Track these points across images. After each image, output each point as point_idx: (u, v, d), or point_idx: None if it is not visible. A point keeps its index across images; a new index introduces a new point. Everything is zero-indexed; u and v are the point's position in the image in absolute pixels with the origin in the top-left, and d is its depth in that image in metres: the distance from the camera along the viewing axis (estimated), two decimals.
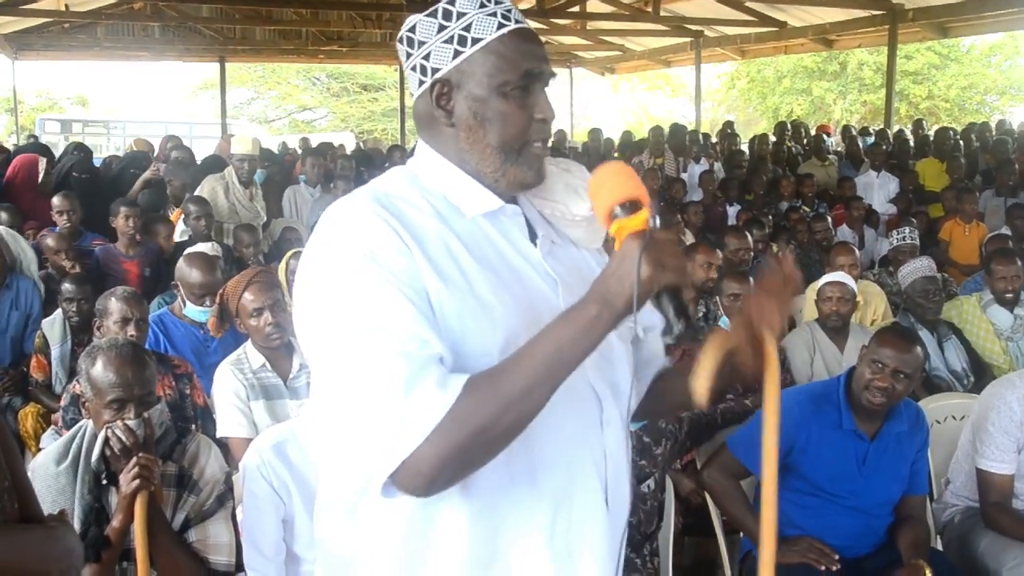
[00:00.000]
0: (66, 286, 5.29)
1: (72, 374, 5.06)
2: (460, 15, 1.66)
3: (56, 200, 7.02)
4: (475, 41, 1.65)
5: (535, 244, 1.74)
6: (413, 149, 1.88)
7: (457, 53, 1.66)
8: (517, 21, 1.69)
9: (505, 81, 1.66)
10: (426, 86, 1.69)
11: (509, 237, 1.72)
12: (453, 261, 1.60)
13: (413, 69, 1.70)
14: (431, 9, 1.68)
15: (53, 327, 5.24)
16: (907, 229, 6.99)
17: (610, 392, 1.74)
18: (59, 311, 5.29)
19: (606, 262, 1.89)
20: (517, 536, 1.63)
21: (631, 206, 1.57)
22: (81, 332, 5.24)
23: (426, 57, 1.67)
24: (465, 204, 1.69)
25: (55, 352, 5.21)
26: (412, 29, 1.69)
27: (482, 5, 1.66)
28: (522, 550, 1.64)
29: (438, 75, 1.67)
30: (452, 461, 1.47)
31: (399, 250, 1.56)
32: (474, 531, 1.60)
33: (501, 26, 1.66)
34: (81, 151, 9.10)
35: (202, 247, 5.80)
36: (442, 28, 1.66)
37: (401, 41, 1.72)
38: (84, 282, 5.37)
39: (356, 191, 1.69)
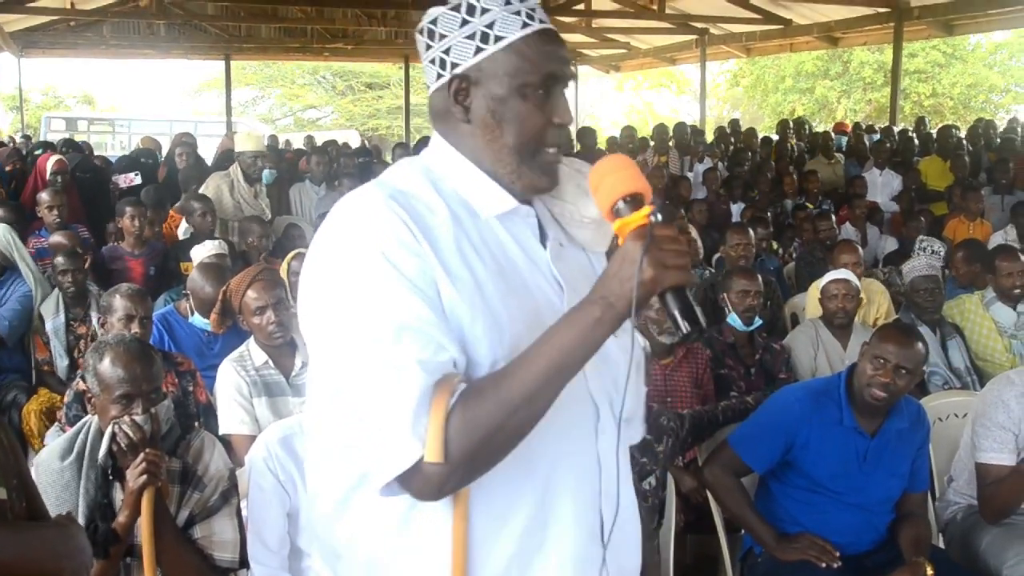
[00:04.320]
0: (58, 260, 5.54)
1: (69, 348, 5.30)
2: (484, 11, 1.63)
3: (44, 196, 7.03)
4: (498, 39, 1.63)
5: (545, 246, 1.72)
6: (420, 141, 1.86)
7: (479, 50, 1.63)
8: (541, 21, 1.67)
9: (526, 83, 1.64)
10: (444, 80, 1.66)
11: (519, 240, 1.69)
12: (465, 265, 1.59)
13: (432, 62, 1.67)
14: (455, 3, 1.66)
15: (48, 304, 5.49)
16: (937, 246, 6.87)
17: (607, 401, 1.73)
18: (54, 290, 5.57)
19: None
20: (507, 536, 1.63)
21: (634, 201, 1.55)
22: (75, 305, 5.50)
23: (446, 51, 1.65)
24: (480, 204, 1.67)
25: (49, 325, 5.43)
26: (434, 22, 1.66)
27: (507, 2, 1.64)
28: (513, 550, 1.63)
29: (457, 71, 1.65)
30: (459, 468, 1.49)
31: (413, 251, 1.54)
32: (461, 529, 1.59)
33: (525, 25, 1.64)
34: (75, 148, 9.14)
35: (209, 244, 5.83)
36: (465, 23, 1.63)
37: (421, 32, 1.69)
38: (74, 255, 5.60)
39: (369, 185, 1.67)
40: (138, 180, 8.84)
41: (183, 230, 7.11)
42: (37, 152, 9.35)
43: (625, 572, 1.80)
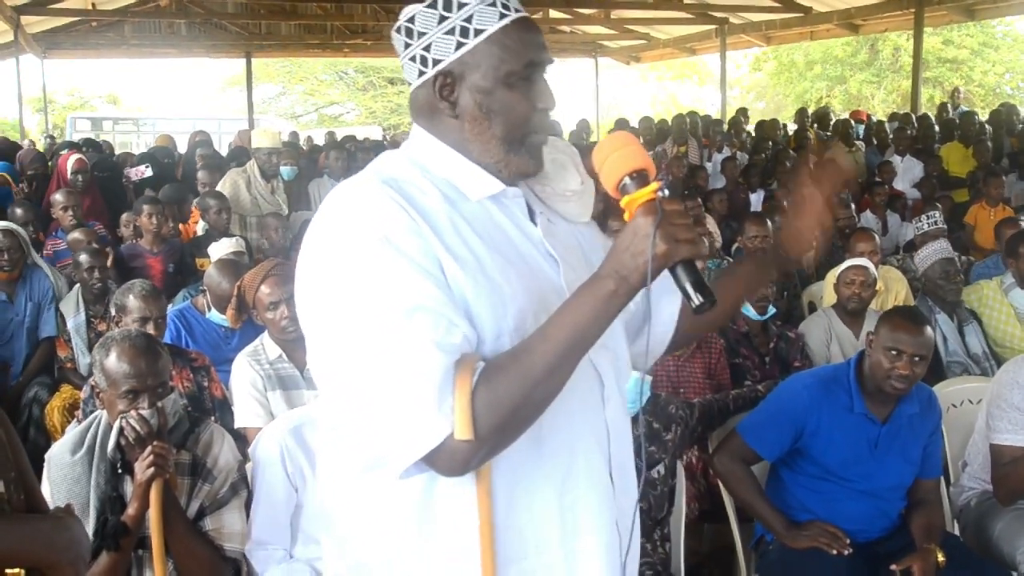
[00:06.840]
0: (83, 257, 5.56)
1: (90, 346, 5.32)
2: (461, 5, 1.65)
3: (58, 196, 7.04)
4: (478, 32, 1.65)
5: (535, 223, 1.76)
6: None
7: (460, 45, 1.65)
8: (517, 10, 1.69)
9: (510, 72, 1.66)
10: (427, 77, 1.69)
11: (512, 218, 1.73)
12: (464, 243, 1.61)
13: (412, 59, 1.70)
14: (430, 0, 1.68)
15: (68, 302, 5.54)
16: (937, 214, 6.84)
17: (611, 369, 1.78)
18: (76, 287, 5.61)
19: (595, 234, 1.92)
20: (525, 507, 1.66)
21: (639, 177, 1.59)
22: (95, 303, 5.54)
23: (427, 48, 1.67)
24: (469, 188, 1.70)
25: (71, 323, 5.48)
26: (411, 20, 1.69)
27: None
28: (530, 520, 1.66)
29: (440, 67, 1.67)
30: (487, 443, 1.52)
31: (414, 232, 1.57)
32: (487, 505, 1.62)
33: (503, 16, 1.66)
34: (94, 147, 9.21)
35: (226, 242, 5.87)
36: (443, 19, 1.65)
37: (399, 31, 1.71)
38: (96, 252, 5.64)
39: (359, 174, 1.70)
40: (149, 172, 8.94)
41: (202, 226, 7.17)
42: (63, 152, 9.42)
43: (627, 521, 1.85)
